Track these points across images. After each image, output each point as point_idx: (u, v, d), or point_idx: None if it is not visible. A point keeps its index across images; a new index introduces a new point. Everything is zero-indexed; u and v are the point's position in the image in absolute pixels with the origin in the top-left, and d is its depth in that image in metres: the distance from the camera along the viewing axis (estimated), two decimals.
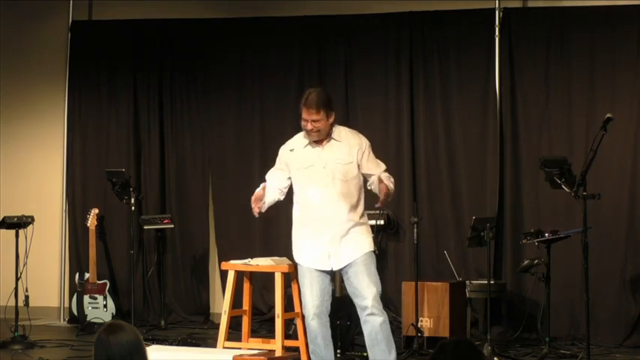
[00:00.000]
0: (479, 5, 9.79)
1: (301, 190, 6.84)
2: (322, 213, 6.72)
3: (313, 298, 6.76)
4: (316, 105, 6.71)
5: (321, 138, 6.79)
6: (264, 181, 7.13)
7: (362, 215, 6.80)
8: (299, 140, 6.89)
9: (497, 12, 9.68)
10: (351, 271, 6.69)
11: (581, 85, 9.50)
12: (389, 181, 6.79)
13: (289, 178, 6.94)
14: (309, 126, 6.73)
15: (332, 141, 6.78)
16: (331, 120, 6.76)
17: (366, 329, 6.68)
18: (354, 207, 6.72)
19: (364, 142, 6.83)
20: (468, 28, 9.84)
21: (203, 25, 10.62)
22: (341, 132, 6.84)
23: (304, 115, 6.73)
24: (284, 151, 6.97)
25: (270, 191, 6.99)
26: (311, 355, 6.90)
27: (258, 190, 7.01)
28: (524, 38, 9.69)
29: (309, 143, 6.82)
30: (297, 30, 10.35)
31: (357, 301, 6.72)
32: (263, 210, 7.00)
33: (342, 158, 6.73)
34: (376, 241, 8.98)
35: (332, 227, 6.70)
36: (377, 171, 6.79)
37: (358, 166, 6.79)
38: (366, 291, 6.65)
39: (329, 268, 6.73)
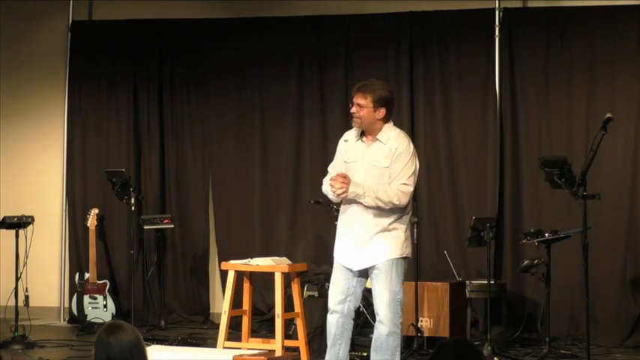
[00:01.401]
0: (479, 5, 9.80)
1: None
2: (352, 211, 6.64)
3: (335, 294, 6.71)
4: (364, 89, 6.61)
5: (362, 128, 6.63)
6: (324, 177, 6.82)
7: (394, 221, 6.60)
8: (353, 132, 6.75)
9: (497, 12, 9.68)
10: (372, 275, 6.65)
11: (581, 85, 9.50)
12: (378, 193, 6.48)
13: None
14: (352, 109, 6.62)
15: (377, 141, 6.62)
16: (379, 115, 6.57)
17: (374, 334, 6.67)
18: (385, 212, 6.57)
19: (401, 147, 6.57)
20: (468, 28, 9.84)
21: (203, 25, 10.62)
22: (390, 134, 6.63)
23: (353, 98, 6.65)
24: (340, 142, 6.82)
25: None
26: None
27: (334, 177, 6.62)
28: (524, 38, 9.69)
29: (360, 138, 6.69)
30: (297, 30, 10.35)
31: (374, 305, 6.71)
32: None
33: (380, 161, 6.58)
34: None
35: (359, 227, 6.61)
36: (393, 178, 6.56)
37: None
38: (378, 298, 6.60)
39: (350, 267, 6.70)
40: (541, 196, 9.49)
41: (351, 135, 6.78)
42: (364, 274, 6.72)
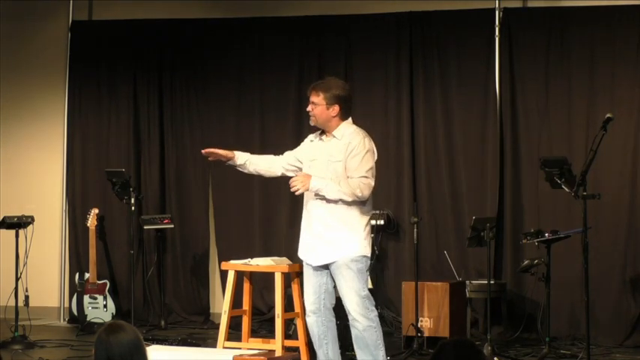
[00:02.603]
0: (479, 5, 9.80)
1: None
2: (310, 207, 6.70)
3: (307, 295, 6.78)
4: (317, 87, 6.71)
5: (317, 125, 6.74)
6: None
7: (354, 217, 6.64)
8: (317, 133, 6.85)
9: (497, 12, 9.68)
10: (333, 273, 6.70)
11: (581, 85, 9.50)
12: (340, 185, 6.54)
13: (299, 161, 6.89)
14: (308, 107, 6.73)
15: (333, 138, 6.70)
16: (332, 112, 6.65)
17: (352, 333, 6.71)
18: (344, 209, 6.61)
19: (356, 141, 6.61)
20: (467, 28, 9.84)
21: (203, 25, 10.62)
22: (346, 130, 6.69)
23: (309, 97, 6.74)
24: (306, 139, 6.93)
25: (268, 160, 7.06)
26: None
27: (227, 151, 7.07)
28: (524, 38, 9.69)
29: (321, 137, 6.77)
30: (297, 30, 10.35)
31: (344, 305, 6.74)
32: (228, 164, 7.08)
33: (334, 155, 6.64)
34: (375, 241, 9.00)
35: (318, 223, 6.67)
36: (350, 173, 6.60)
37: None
38: (345, 297, 6.65)
39: (310, 263, 6.74)
40: (541, 196, 9.48)
41: (314, 135, 6.89)
42: (328, 269, 6.74)
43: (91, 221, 10.28)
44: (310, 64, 10.31)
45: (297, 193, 6.67)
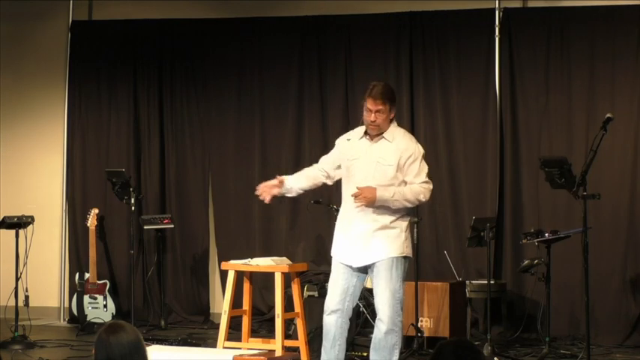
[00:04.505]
0: (479, 5, 9.80)
1: (344, 181, 6.82)
2: (353, 209, 6.69)
3: (334, 294, 6.77)
4: (382, 95, 6.67)
5: (379, 132, 6.72)
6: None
7: (396, 219, 6.67)
8: (357, 132, 6.83)
9: (497, 12, 9.69)
10: (373, 273, 6.71)
11: (581, 85, 9.50)
12: (405, 194, 6.62)
13: (339, 166, 6.87)
14: (373, 117, 6.66)
15: (382, 139, 6.70)
16: (391, 116, 6.70)
17: (374, 332, 6.73)
18: (386, 209, 6.63)
19: (413, 148, 6.68)
20: (468, 28, 9.84)
21: (203, 25, 10.62)
22: (395, 133, 6.71)
23: (369, 106, 6.66)
24: (341, 140, 6.91)
25: (308, 174, 6.97)
26: (322, 349, 6.91)
27: (272, 181, 6.98)
28: (524, 38, 9.69)
29: (364, 136, 6.76)
30: (297, 30, 10.35)
31: (374, 303, 6.75)
32: (280, 194, 6.97)
33: (385, 159, 6.65)
34: None
35: (359, 224, 6.67)
36: (410, 178, 6.67)
37: (399, 169, 6.66)
38: (379, 296, 6.66)
39: (350, 264, 6.73)
40: (541, 196, 9.49)
41: (354, 134, 6.87)
42: (363, 272, 6.76)
43: (91, 221, 10.28)
44: (310, 61, 10.31)
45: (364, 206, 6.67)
